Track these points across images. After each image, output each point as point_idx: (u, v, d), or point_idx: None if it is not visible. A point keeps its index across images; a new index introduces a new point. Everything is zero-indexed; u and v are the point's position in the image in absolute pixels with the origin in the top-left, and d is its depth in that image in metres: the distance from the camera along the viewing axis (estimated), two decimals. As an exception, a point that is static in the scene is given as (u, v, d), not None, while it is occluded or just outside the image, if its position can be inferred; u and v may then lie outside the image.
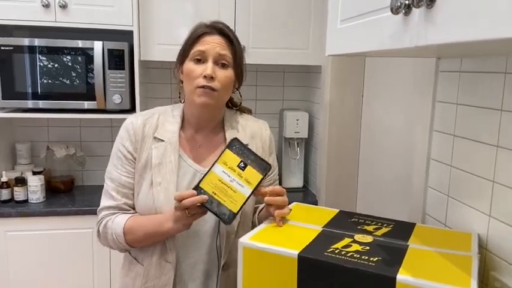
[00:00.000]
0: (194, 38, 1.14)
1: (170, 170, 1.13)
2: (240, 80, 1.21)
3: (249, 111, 1.33)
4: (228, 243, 1.15)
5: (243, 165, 1.03)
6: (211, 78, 1.11)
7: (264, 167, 1.04)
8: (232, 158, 1.03)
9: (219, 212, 1.00)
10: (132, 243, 1.14)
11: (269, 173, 1.16)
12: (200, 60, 1.13)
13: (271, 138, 1.28)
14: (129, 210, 1.17)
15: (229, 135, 1.20)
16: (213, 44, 1.13)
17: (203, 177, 1.02)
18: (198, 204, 1.00)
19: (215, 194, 1.01)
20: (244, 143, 1.19)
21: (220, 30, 1.15)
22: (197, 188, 1.01)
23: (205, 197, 1.00)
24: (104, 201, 1.18)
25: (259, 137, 1.24)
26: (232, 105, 1.29)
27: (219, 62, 1.13)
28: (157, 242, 1.14)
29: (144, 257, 1.17)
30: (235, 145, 1.05)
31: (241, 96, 1.28)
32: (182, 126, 1.20)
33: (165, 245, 1.13)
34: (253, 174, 1.03)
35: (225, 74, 1.13)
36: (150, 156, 1.14)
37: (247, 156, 1.04)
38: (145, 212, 1.13)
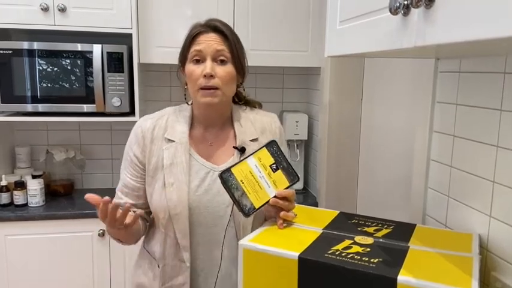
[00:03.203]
0: (190, 38, 1.16)
1: (181, 170, 1.14)
2: (242, 74, 1.20)
3: (259, 105, 1.32)
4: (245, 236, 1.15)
5: (275, 167, 1.04)
6: (211, 76, 1.11)
7: (292, 177, 1.05)
8: (267, 157, 1.04)
9: (241, 202, 0.99)
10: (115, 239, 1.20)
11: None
12: (199, 60, 1.13)
13: (281, 131, 1.28)
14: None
15: (238, 130, 1.20)
16: (208, 42, 1.13)
17: (235, 163, 1.02)
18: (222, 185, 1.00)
19: (243, 182, 1.01)
20: (254, 137, 1.21)
21: (214, 27, 1.15)
22: (227, 171, 1.00)
23: (120, 202, 1.04)
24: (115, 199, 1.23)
25: (269, 130, 1.25)
26: (239, 100, 1.29)
27: (218, 59, 1.13)
28: (170, 242, 1.16)
29: (160, 257, 1.19)
30: (273, 147, 1.06)
31: (244, 90, 1.28)
32: (192, 126, 1.21)
33: (178, 245, 1.15)
34: (281, 179, 1.04)
35: (225, 70, 1.14)
36: (161, 157, 1.16)
37: (280, 161, 1.05)
38: (160, 212, 1.15)
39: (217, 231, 1.16)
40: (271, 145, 1.06)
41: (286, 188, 1.03)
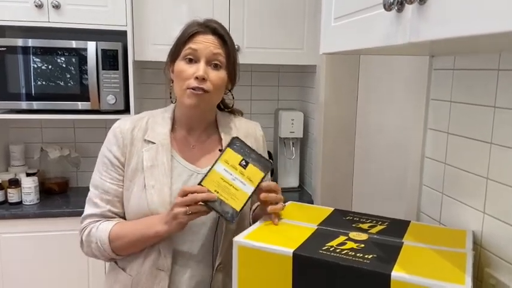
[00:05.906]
0: (187, 36, 1.11)
1: (163, 171, 1.10)
2: (232, 81, 1.18)
3: (241, 113, 1.31)
4: (225, 244, 1.12)
5: (244, 163, 1.03)
6: (203, 79, 1.08)
7: (265, 165, 1.04)
8: (233, 157, 1.03)
9: (222, 211, 0.98)
10: (118, 250, 1.10)
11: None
12: (192, 60, 1.10)
13: (264, 139, 1.28)
14: (114, 218, 1.13)
15: (224, 135, 1.18)
16: (206, 43, 1.09)
17: (205, 175, 1.01)
18: (201, 203, 0.98)
19: (217, 192, 0.99)
20: None
21: (213, 29, 1.12)
22: None
23: (213, 195, 0.98)
24: (87, 210, 1.15)
25: (253, 136, 1.23)
26: (224, 107, 1.27)
27: (212, 63, 1.10)
28: (149, 249, 1.10)
29: (133, 266, 1.12)
30: (236, 144, 1.05)
31: (233, 97, 1.25)
32: (173, 128, 1.18)
33: (159, 251, 1.09)
34: (255, 173, 1.03)
35: (218, 75, 1.10)
36: (141, 159, 1.11)
37: (248, 154, 1.04)
38: (139, 217, 1.09)
39: (197, 239, 1.11)
40: (234, 143, 1.05)
41: (263, 177, 1.02)
